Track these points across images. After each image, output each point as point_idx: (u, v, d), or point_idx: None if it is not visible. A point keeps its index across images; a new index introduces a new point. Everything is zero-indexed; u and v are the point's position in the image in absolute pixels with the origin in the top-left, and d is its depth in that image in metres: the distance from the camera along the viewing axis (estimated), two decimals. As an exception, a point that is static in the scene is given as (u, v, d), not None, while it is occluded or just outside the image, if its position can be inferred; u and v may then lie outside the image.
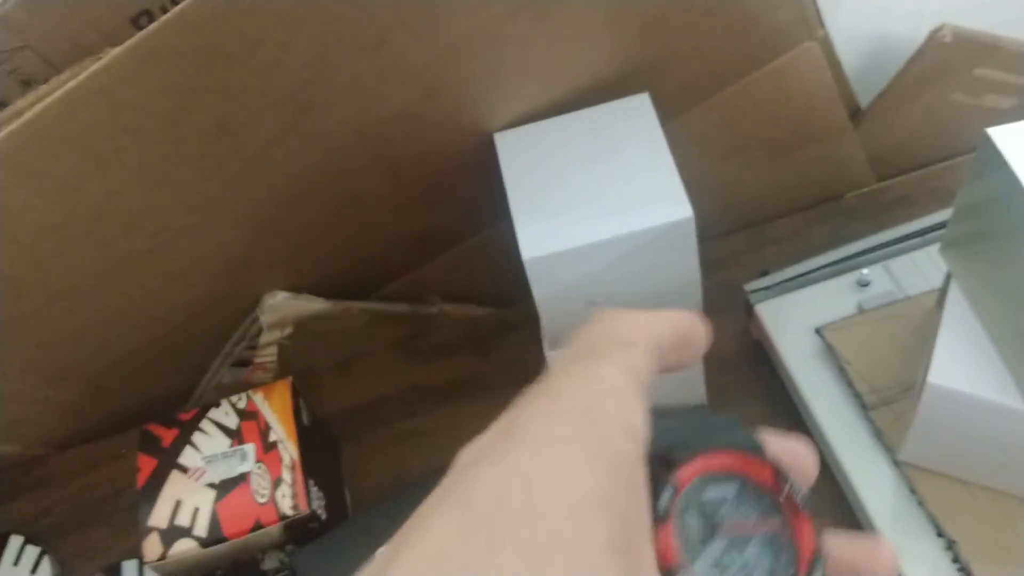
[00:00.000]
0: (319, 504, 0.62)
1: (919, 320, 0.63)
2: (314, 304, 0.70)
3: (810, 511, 0.28)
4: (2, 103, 0.54)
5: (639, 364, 0.26)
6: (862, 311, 0.66)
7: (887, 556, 0.29)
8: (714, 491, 0.28)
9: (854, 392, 0.63)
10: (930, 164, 0.79)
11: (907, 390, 0.62)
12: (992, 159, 0.50)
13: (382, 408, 0.76)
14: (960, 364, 0.53)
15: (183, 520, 0.60)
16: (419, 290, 0.78)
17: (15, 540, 0.71)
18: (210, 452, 0.62)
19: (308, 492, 0.61)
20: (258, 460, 0.62)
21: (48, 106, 0.50)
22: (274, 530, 0.60)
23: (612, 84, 0.64)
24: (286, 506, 0.60)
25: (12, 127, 0.50)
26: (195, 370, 0.73)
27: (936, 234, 0.68)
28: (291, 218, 0.64)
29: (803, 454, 0.29)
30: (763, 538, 0.27)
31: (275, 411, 0.64)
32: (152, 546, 0.59)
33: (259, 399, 0.65)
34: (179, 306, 0.67)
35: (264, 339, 0.70)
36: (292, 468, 0.61)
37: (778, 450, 0.29)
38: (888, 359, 0.63)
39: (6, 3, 0.52)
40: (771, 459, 0.28)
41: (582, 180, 0.60)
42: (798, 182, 0.77)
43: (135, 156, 0.54)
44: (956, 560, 0.56)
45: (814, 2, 0.66)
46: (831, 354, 0.64)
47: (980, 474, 0.58)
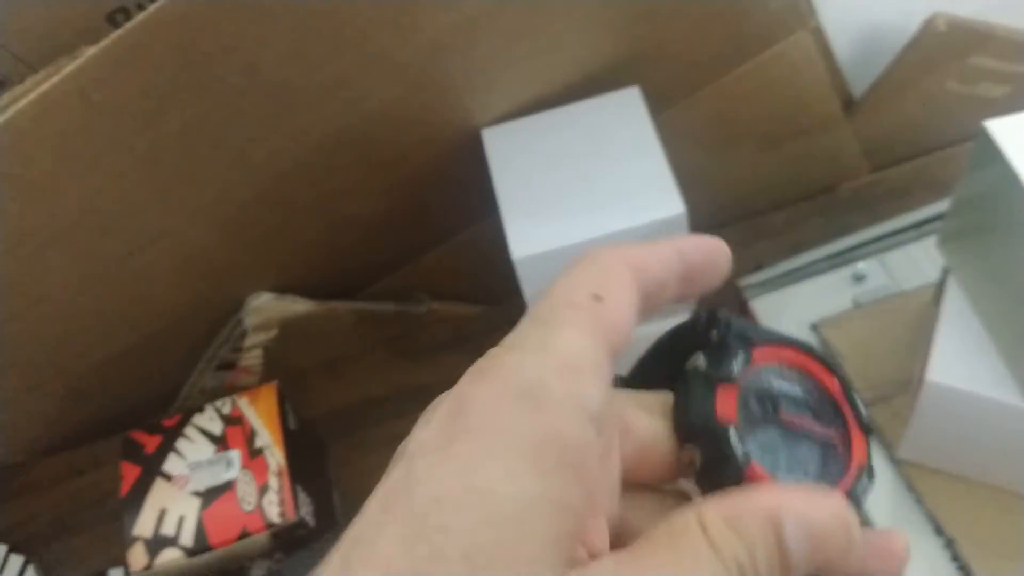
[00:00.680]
0: (307, 511, 0.61)
1: (915, 315, 0.62)
2: (299, 305, 0.69)
3: (869, 431, 0.28)
4: (-25, 103, 0.52)
5: (608, 320, 0.25)
6: (858, 306, 0.65)
7: (898, 549, 0.28)
8: (782, 383, 0.28)
9: (851, 389, 0.62)
10: (925, 153, 0.78)
11: (904, 386, 0.61)
12: (989, 153, 0.49)
13: (370, 409, 0.75)
14: (959, 361, 0.53)
15: (168, 529, 0.59)
16: (407, 289, 0.77)
17: (-2, 549, 0.70)
18: (195, 459, 0.61)
19: (296, 499, 0.59)
20: (244, 467, 0.60)
21: (23, 108, 0.49)
22: (261, 538, 0.59)
23: (601, 77, 0.62)
24: (273, 514, 0.59)
25: (-15, 129, 0.49)
26: (179, 374, 0.72)
27: (931, 227, 0.68)
28: (274, 218, 0.63)
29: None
30: (818, 440, 0.27)
31: (261, 416, 0.62)
32: (137, 556, 0.58)
33: (244, 404, 0.63)
34: (161, 309, 0.65)
35: (249, 341, 0.69)
36: (279, 474, 0.60)
37: None
38: (884, 355, 0.62)
39: (-24, 2, 0.51)
40: (842, 373, 0.28)
41: (572, 176, 0.59)
42: (791, 174, 0.76)
43: (112, 158, 0.53)
44: (955, 558, 0.56)
45: (805, -9, 0.65)
46: (827, 350, 0.63)
47: (979, 471, 0.57)
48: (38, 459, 0.75)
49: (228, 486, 0.60)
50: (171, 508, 0.59)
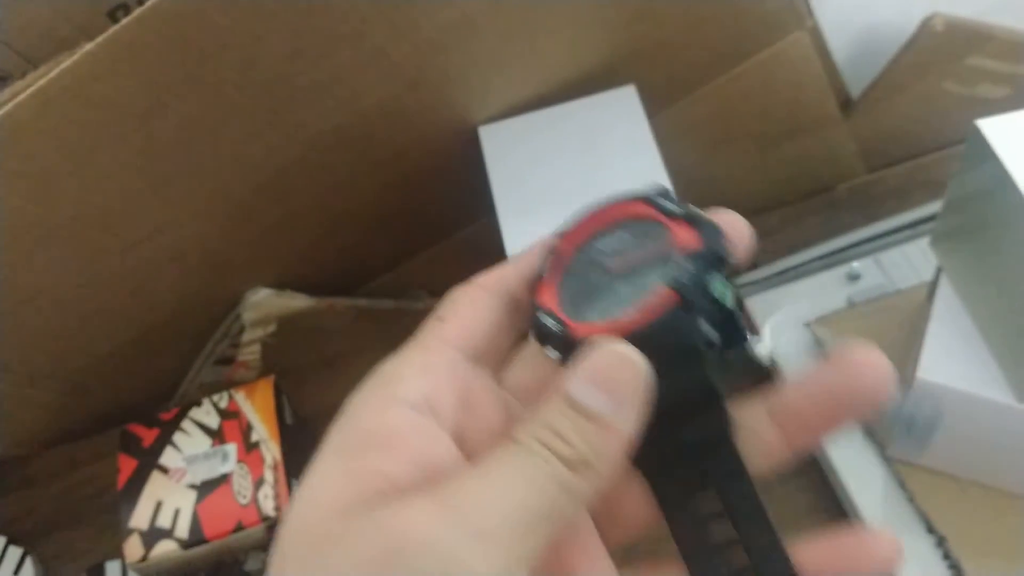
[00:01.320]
0: (302, 504, 0.61)
1: (910, 314, 0.62)
2: (297, 301, 0.69)
3: (686, 217, 0.28)
4: (-23, 99, 0.53)
5: (447, 332, 0.30)
6: (852, 305, 0.65)
7: (883, 546, 0.28)
8: (605, 242, 0.29)
9: (844, 387, 0.62)
10: (922, 154, 0.78)
11: (898, 384, 0.61)
12: (982, 151, 0.49)
13: (368, 405, 0.75)
14: (949, 359, 0.53)
15: (164, 521, 0.59)
16: (405, 286, 0.77)
17: (-3, 541, 0.71)
18: (191, 452, 0.62)
19: (291, 492, 0.60)
20: (240, 460, 0.61)
21: (20, 103, 0.49)
22: (256, 531, 0.59)
23: (598, 76, 0.63)
24: (268, 507, 0.59)
25: (-16, 124, 0.49)
26: (178, 369, 0.73)
27: (927, 227, 0.68)
28: (272, 214, 0.63)
29: (730, 218, 0.29)
30: (660, 261, 0.28)
31: (257, 410, 0.63)
32: (133, 547, 0.59)
33: (241, 398, 0.64)
34: (159, 303, 0.66)
35: (247, 337, 0.69)
36: (274, 468, 0.60)
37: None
38: (878, 353, 0.62)
39: (-23, -3, 0.51)
40: (649, 193, 0.29)
41: (568, 174, 0.59)
42: (788, 174, 0.76)
43: (110, 152, 0.53)
44: (947, 556, 0.56)
45: (803, -9, 0.65)
46: (821, 348, 0.63)
47: (970, 470, 0.57)
48: (38, 453, 0.76)
49: (224, 479, 0.60)
50: (167, 501, 0.60)
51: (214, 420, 0.63)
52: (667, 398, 0.25)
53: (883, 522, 0.58)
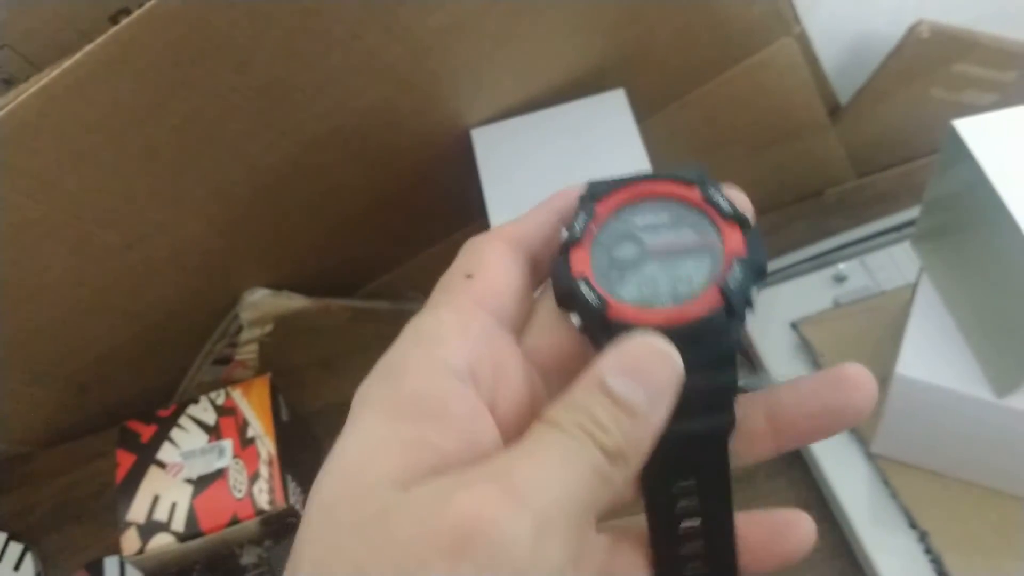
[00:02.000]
0: (297, 499, 0.62)
1: (894, 314, 0.63)
2: (294, 301, 0.70)
3: (738, 219, 0.27)
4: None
5: (479, 291, 0.28)
6: (838, 305, 0.66)
7: (802, 528, 0.29)
8: (645, 217, 0.28)
9: (829, 385, 0.63)
10: (911, 160, 0.80)
11: (881, 383, 0.62)
12: (958, 152, 0.50)
13: (365, 406, 0.76)
14: (929, 355, 0.54)
15: (161, 515, 0.60)
16: (402, 288, 0.78)
17: (-2, 537, 0.72)
18: (188, 448, 0.63)
19: (286, 487, 0.61)
20: (236, 455, 0.62)
21: (22, 102, 0.50)
22: (251, 525, 0.60)
23: (588, 80, 0.64)
24: (263, 501, 0.60)
25: (-13, 124, 0.50)
26: (177, 368, 0.74)
27: (911, 229, 0.68)
28: (268, 214, 0.64)
29: (731, 192, 0.29)
30: (699, 251, 0.27)
31: (253, 407, 0.64)
32: (130, 541, 0.60)
33: (237, 395, 0.65)
34: (158, 302, 0.67)
35: (244, 336, 0.70)
36: (269, 463, 0.62)
37: None
38: (863, 353, 0.63)
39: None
40: (697, 177, 0.28)
41: (558, 177, 0.60)
42: (777, 179, 0.77)
43: (109, 151, 0.55)
44: (928, 551, 0.57)
45: (789, -2, 0.66)
46: (807, 348, 0.64)
47: (952, 466, 0.58)
48: (40, 450, 0.77)
49: (220, 474, 0.61)
50: (164, 495, 0.61)
51: (211, 416, 0.64)
52: (688, 394, 0.26)
53: (867, 518, 0.59)
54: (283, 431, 0.64)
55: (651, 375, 0.25)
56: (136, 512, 0.61)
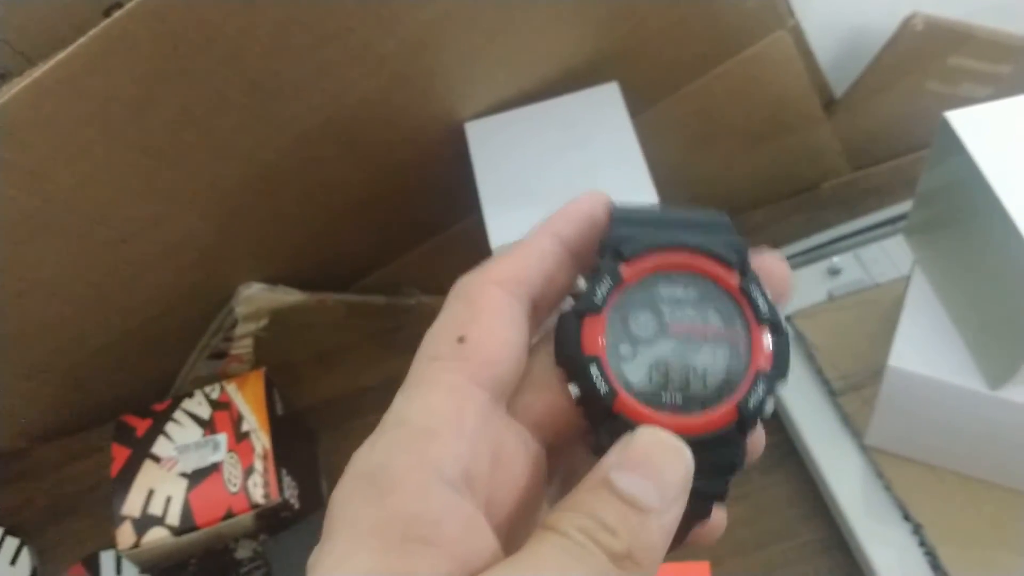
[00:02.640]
0: (291, 493, 0.62)
1: (888, 307, 0.63)
2: (290, 296, 0.70)
3: (772, 324, 0.26)
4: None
5: (475, 358, 0.25)
6: (832, 298, 0.66)
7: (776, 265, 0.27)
8: (673, 289, 0.26)
9: (823, 378, 0.63)
10: (906, 153, 0.79)
11: (875, 376, 0.62)
12: (950, 143, 0.50)
13: (360, 400, 0.76)
14: (921, 347, 0.54)
15: (155, 509, 0.60)
16: (397, 283, 0.78)
17: (-5, 531, 0.72)
18: (183, 442, 0.63)
19: (280, 481, 0.61)
20: (230, 450, 0.62)
21: (15, 96, 0.50)
22: (246, 519, 0.60)
23: (582, 73, 0.64)
24: (257, 495, 0.60)
25: (-22, 118, 0.50)
26: (173, 363, 0.74)
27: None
28: (263, 207, 0.64)
29: (774, 266, 0.27)
30: (719, 343, 0.26)
31: (248, 401, 0.64)
32: (125, 534, 0.60)
33: (232, 389, 0.65)
34: (153, 297, 0.67)
35: (239, 331, 0.70)
36: (264, 457, 0.62)
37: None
38: (856, 345, 0.63)
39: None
40: (740, 263, 0.26)
41: (551, 170, 0.60)
42: (772, 172, 0.77)
43: (102, 145, 0.55)
44: (923, 543, 0.57)
45: (784, -9, 0.66)
46: (800, 341, 0.65)
47: (946, 458, 0.58)
48: (36, 445, 0.77)
49: (214, 468, 0.61)
50: (159, 489, 0.61)
51: (205, 411, 0.64)
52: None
53: (861, 510, 0.59)
54: (278, 425, 0.64)
55: (662, 471, 0.23)
56: (131, 506, 0.61)
